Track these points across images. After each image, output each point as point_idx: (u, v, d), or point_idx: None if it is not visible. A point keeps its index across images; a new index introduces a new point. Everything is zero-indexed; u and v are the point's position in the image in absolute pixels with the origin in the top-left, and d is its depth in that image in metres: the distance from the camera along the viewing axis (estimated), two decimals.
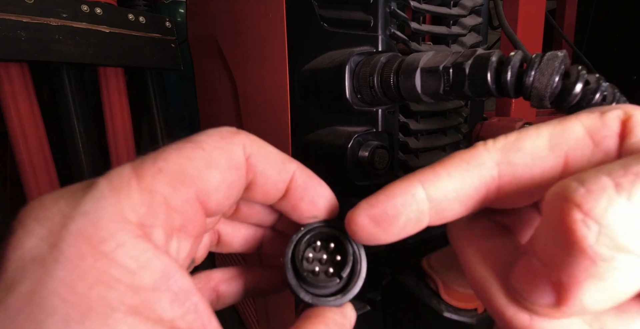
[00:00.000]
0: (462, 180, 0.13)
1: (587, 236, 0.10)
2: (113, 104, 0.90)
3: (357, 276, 0.17)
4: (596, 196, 0.10)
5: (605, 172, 0.10)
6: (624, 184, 0.10)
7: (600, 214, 0.10)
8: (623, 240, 0.09)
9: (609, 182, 0.10)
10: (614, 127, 0.13)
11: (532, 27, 0.54)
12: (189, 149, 0.14)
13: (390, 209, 0.14)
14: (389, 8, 0.31)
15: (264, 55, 0.42)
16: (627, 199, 0.10)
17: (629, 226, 0.09)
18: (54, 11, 0.72)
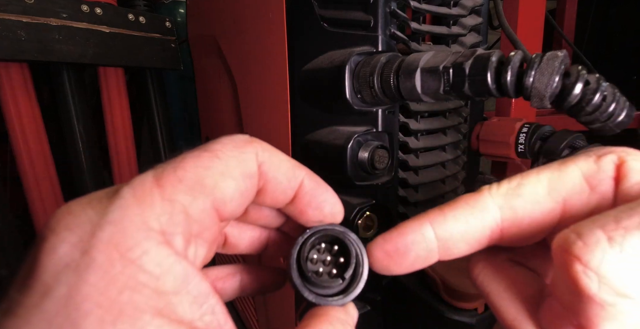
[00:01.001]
0: (467, 223, 0.15)
1: (590, 285, 0.11)
2: (113, 104, 0.90)
3: (359, 277, 0.17)
4: (592, 249, 0.11)
5: (599, 225, 0.11)
6: (616, 238, 0.11)
7: (597, 265, 0.11)
8: (621, 287, 0.11)
9: (603, 235, 0.11)
10: (609, 171, 0.14)
11: (532, 27, 0.54)
12: (206, 158, 0.15)
13: (401, 246, 0.16)
14: (389, 8, 0.31)
15: (264, 55, 0.42)
16: (619, 251, 0.11)
17: (624, 275, 0.11)
18: (54, 11, 0.72)
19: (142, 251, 0.12)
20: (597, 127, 0.23)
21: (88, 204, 0.13)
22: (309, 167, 0.18)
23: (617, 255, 0.11)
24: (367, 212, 0.33)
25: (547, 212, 0.15)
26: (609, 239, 0.11)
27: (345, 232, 0.18)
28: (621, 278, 0.11)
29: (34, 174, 0.80)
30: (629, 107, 0.22)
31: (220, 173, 0.14)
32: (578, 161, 0.15)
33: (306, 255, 0.17)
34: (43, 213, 0.82)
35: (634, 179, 0.14)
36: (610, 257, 0.11)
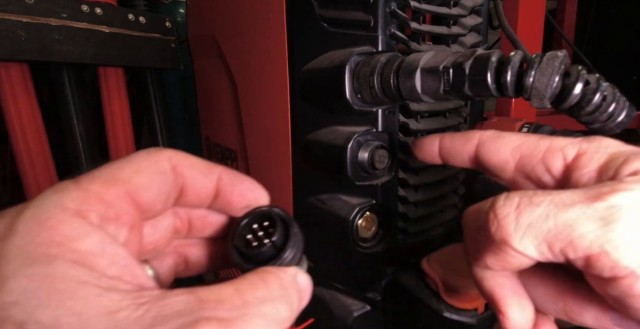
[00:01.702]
0: (458, 144, 0.24)
1: (491, 226, 0.16)
2: (113, 104, 0.90)
3: (290, 239, 0.18)
4: (503, 209, 0.17)
5: (516, 196, 0.17)
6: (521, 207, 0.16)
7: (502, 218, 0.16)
8: (507, 235, 0.16)
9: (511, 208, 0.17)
10: (567, 152, 0.19)
11: (532, 27, 0.54)
12: (120, 163, 0.17)
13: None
14: (389, 8, 0.31)
15: (264, 55, 0.42)
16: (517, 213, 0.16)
17: (512, 227, 0.16)
18: (54, 11, 0.72)
19: (57, 221, 0.14)
20: (597, 127, 0.23)
21: (21, 204, 0.15)
22: (309, 167, 0.19)
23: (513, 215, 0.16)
24: (367, 212, 0.33)
25: (504, 161, 0.21)
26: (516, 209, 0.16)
27: (270, 208, 0.19)
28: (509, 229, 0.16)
29: (34, 174, 0.80)
30: (629, 107, 0.22)
31: (132, 170, 0.17)
32: (556, 139, 0.19)
33: (243, 238, 0.19)
34: None
35: (586, 168, 0.17)
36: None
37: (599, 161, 0.17)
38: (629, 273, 0.14)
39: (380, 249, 0.34)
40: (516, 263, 0.16)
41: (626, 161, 0.16)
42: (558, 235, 0.15)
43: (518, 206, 0.16)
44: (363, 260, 0.35)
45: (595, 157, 0.17)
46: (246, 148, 0.51)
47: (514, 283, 0.19)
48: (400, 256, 0.36)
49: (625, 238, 0.14)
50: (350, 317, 0.35)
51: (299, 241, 0.18)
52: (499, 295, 0.18)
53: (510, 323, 0.18)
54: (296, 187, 0.40)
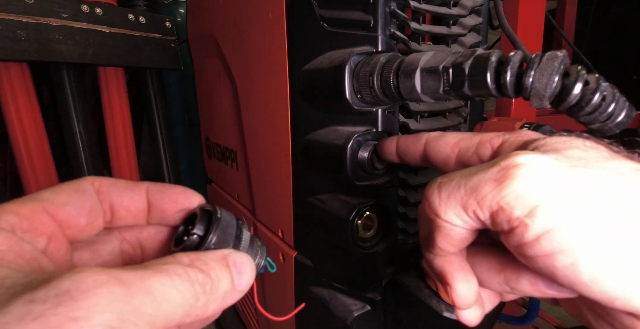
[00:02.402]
0: (410, 142, 0.26)
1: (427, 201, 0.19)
2: (113, 104, 0.90)
3: (212, 225, 0.19)
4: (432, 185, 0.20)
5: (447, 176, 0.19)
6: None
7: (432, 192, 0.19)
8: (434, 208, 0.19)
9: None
10: (493, 143, 0.21)
11: (532, 27, 0.54)
12: (43, 190, 0.18)
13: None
14: (389, 8, 0.31)
15: (264, 55, 0.42)
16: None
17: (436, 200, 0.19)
18: (54, 11, 0.72)
19: None
20: (597, 127, 0.23)
21: None
22: (309, 168, 0.19)
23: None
24: (367, 212, 0.33)
25: (446, 155, 0.23)
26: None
27: (198, 207, 0.21)
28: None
29: (34, 174, 0.80)
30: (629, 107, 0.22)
31: (51, 191, 0.18)
32: (486, 135, 0.22)
33: (179, 238, 0.20)
34: None
35: (505, 152, 0.20)
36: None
37: (515, 146, 0.20)
38: (519, 222, 0.16)
39: (380, 249, 0.34)
40: (456, 236, 0.19)
41: (532, 142, 0.19)
42: (468, 199, 0.17)
43: (439, 184, 0.19)
44: (363, 260, 0.35)
45: (513, 144, 0.20)
46: (246, 148, 0.51)
47: (461, 260, 0.21)
48: (400, 256, 0.36)
49: (513, 192, 0.16)
50: (350, 317, 0.35)
51: (224, 226, 0.20)
52: (447, 270, 0.21)
53: (458, 295, 0.20)
54: (296, 187, 0.40)
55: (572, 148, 0.17)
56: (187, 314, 0.16)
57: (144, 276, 0.15)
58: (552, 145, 0.18)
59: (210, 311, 0.17)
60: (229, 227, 0.20)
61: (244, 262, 0.19)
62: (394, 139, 0.28)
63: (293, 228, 0.42)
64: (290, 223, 0.42)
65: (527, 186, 0.16)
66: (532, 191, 0.16)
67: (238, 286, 0.18)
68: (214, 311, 0.18)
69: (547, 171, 0.16)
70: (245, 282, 0.19)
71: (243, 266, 0.19)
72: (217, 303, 0.17)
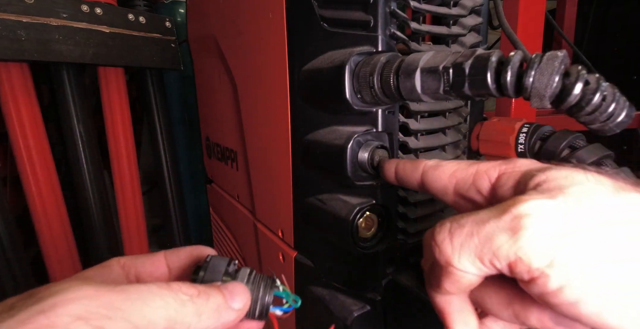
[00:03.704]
0: (409, 170, 0.26)
1: (434, 249, 0.19)
2: (113, 104, 0.90)
3: (202, 268, 0.23)
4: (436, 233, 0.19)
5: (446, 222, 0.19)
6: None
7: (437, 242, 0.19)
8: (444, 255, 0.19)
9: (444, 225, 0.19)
10: (490, 174, 0.21)
11: (532, 27, 0.54)
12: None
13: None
14: (389, 8, 0.31)
15: (264, 55, 0.42)
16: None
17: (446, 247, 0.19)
18: (54, 11, 0.72)
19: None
20: (597, 127, 0.23)
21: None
22: (309, 168, 0.19)
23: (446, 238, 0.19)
24: (367, 212, 0.33)
25: (443, 186, 0.23)
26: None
27: (209, 258, 0.23)
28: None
29: (34, 174, 0.80)
30: (629, 107, 0.22)
31: (85, 270, 0.22)
32: (482, 164, 0.22)
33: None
34: (43, 213, 0.82)
35: (506, 186, 0.20)
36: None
37: (514, 179, 0.20)
38: (540, 273, 0.15)
39: (380, 249, 0.34)
40: (466, 282, 0.18)
41: (532, 176, 0.19)
42: (483, 249, 0.17)
43: (450, 230, 0.18)
44: (363, 260, 0.35)
45: (511, 176, 0.20)
46: (246, 148, 0.51)
47: (461, 300, 0.21)
48: (400, 256, 0.36)
49: (530, 243, 0.16)
50: (350, 317, 0.35)
51: (212, 266, 0.23)
52: (447, 311, 0.21)
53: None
54: (296, 187, 0.40)
55: (575, 184, 0.17)
56: (172, 319, 0.18)
57: (120, 286, 0.17)
58: (554, 182, 0.18)
59: (205, 323, 0.19)
60: (218, 266, 0.23)
61: (235, 285, 0.21)
62: (392, 164, 0.28)
63: (293, 228, 0.42)
64: (290, 223, 0.42)
65: (541, 236, 0.16)
66: (547, 240, 0.16)
67: (232, 303, 0.20)
68: (211, 324, 0.19)
69: (558, 217, 0.16)
70: (238, 300, 0.21)
71: (234, 288, 0.21)
72: (210, 314, 0.19)
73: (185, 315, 0.18)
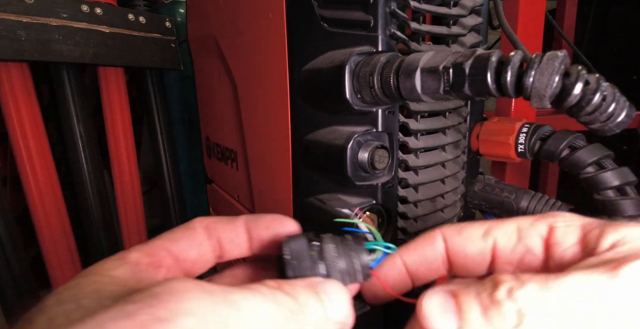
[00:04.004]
0: (423, 252, 0.21)
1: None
2: (113, 104, 0.90)
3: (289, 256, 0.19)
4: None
5: (473, 292, 0.16)
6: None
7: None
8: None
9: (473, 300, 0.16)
10: (540, 230, 0.18)
11: (532, 27, 0.54)
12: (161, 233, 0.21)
13: (381, 274, 0.22)
14: (389, 8, 0.31)
15: (264, 55, 0.42)
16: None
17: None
18: (54, 11, 0.72)
19: (102, 262, 0.18)
20: (597, 127, 0.23)
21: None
22: (309, 168, 0.19)
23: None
24: (367, 212, 0.33)
25: (478, 251, 0.19)
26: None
27: (288, 236, 0.21)
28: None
29: (34, 174, 0.80)
30: (629, 107, 0.22)
31: (167, 233, 0.20)
32: (520, 218, 0.19)
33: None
34: (43, 213, 0.82)
35: (566, 243, 0.17)
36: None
37: (575, 235, 0.17)
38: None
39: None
40: None
41: (602, 234, 0.17)
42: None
43: (538, 292, 0.14)
44: None
45: (569, 231, 0.18)
46: (246, 148, 0.51)
47: None
48: None
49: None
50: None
51: (298, 258, 0.19)
52: None
53: None
54: (296, 187, 0.40)
55: None
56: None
57: (228, 291, 0.15)
58: (635, 242, 0.15)
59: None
60: (302, 255, 0.19)
61: (336, 290, 0.18)
62: (393, 261, 0.22)
63: None
64: None
65: None
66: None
67: (332, 315, 0.17)
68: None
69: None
70: (339, 311, 0.18)
71: (335, 294, 0.18)
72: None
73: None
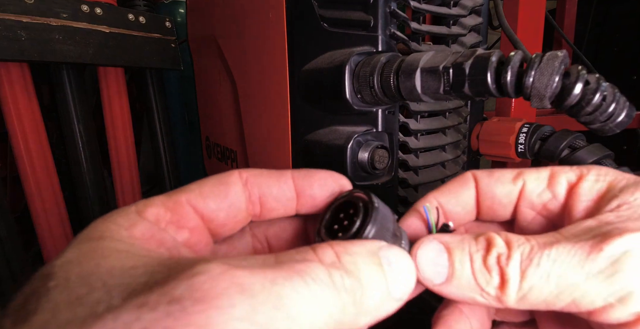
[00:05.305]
0: (457, 193, 0.20)
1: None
2: (113, 104, 0.90)
3: (370, 217, 0.16)
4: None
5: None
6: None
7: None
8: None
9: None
10: (569, 177, 0.18)
11: (532, 27, 0.54)
12: (192, 182, 0.18)
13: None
14: (389, 8, 0.31)
15: (264, 55, 0.42)
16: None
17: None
18: (54, 11, 0.72)
19: (117, 216, 0.15)
20: (597, 127, 0.23)
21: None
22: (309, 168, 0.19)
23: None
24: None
25: (506, 192, 0.19)
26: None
27: (350, 193, 0.18)
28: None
29: (34, 174, 0.80)
30: (629, 107, 0.22)
31: (197, 184, 0.17)
32: (557, 166, 0.19)
33: (326, 228, 0.18)
34: (43, 213, 0.82)
35: (585, 196, 0.17)
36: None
37: (598, 190, 0.17)
38: (637, 317, 0.14)
39: None
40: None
41: (620, 192, 0.16)
42: (560, 295, 0.14)
43: (521, 264, 0.15)
44: None
45: (595, 185, 0.17)
46: (246, 148, 0.51)
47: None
48: None
49: (630, 287, 0.14)
50: None
51: (382, 219, 0.16)
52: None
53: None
54: None
55: None
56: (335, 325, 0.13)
57: (275, 280, 0.12)
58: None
59: (360, 327, 0.14)
60: (386, 221, 0.16)
61: (400, 260, 0.15)
62: (428, 201, 0.22)
63: None
64: None
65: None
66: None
67: (394, 292, 0.15)
68: (365, 326, 0.14)
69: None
70: (403, 287, 0.15)
71: (399, 264, 0.15)
72: (369, 316, 0.14)
73: (342, 325, 0.13)
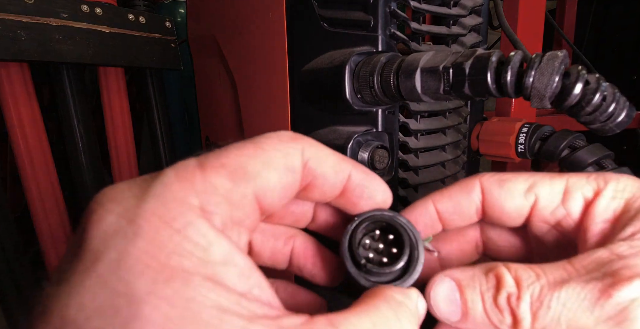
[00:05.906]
0: (458, 200, 0.19)
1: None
2: (113, 104, 0.90)
3: (415, 263, 0.16)
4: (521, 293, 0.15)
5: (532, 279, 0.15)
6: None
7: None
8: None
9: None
10: (586, 192, 0.17)
11: (532, 27, 0.54)
12: (250, 148, 0.15)
13: (412, 218, 0.20)
14: (389, 8, 0.31)
15: (264, 55, 0.42)
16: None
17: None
18: (54, 11, 0.72)
19: (185, 222, 0.13)
20: (597, 127, 0.23)
21: (134, 182, 0.14)
22: None
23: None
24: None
25: (517, 207, 0.18)
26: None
27: (394, 216, 0.17)
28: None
29: (34, 174, 0.80)
30: (629, 107, 0.22)
31: (263, 162, 0.15)
32: (573, 175, 0.18)
33: (358, 242, 0.17)
34: (43, 213, 0.82)
35: (600, 217, 0.16)
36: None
37: (614, 210, 0.16)
38: None
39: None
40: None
41: (635, 215, 0.15)
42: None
43: (532, 305, 0.14)
44: None
45: (612, 204, 0.16)
46: None
47: None
48: None
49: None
50: None
51: (422, 264, 0.17)
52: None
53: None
54: None
55: None
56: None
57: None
58: None
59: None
60: (422, 263, 0.17)
61: (424, 311, 0.16)
62: (426, 207, 0.20)
63: None
64: None
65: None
66: None
67: (420, 308, 0.16)
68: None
69: None
70: (425, 303, 0.16)
71: (422, 316, 0.16)
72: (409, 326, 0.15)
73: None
